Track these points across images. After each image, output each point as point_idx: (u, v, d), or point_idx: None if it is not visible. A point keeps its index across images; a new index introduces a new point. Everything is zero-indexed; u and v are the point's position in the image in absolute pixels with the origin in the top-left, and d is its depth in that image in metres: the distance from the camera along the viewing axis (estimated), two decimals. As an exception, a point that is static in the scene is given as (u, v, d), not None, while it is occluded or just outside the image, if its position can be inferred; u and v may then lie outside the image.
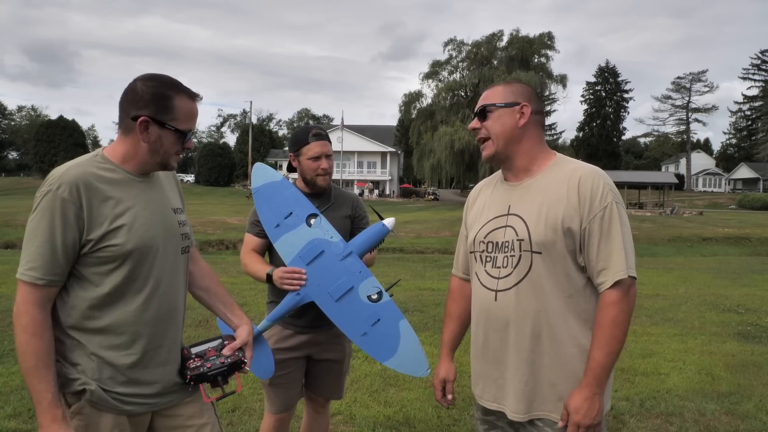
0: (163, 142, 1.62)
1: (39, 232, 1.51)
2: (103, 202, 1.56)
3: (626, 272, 1.64)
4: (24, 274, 1.51)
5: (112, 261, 1.56)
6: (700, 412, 3.93)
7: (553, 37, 48.32)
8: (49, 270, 1.51)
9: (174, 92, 1.62)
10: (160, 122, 1.60)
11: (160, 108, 1.59)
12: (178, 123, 1.62)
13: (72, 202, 1.51)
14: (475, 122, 1.83)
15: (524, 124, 1.78)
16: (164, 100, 1.60)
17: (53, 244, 1.50)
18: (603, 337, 1.64)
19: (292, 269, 2.26)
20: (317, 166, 2.47)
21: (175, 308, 1.73)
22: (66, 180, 1.52)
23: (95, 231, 1.54)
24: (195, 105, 1.67)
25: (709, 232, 22.43)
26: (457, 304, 2.04)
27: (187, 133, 1.66)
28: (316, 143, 2.47)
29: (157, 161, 1.66)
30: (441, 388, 2.00)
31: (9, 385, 4.10)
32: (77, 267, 1.57)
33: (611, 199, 1.68)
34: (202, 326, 5.79)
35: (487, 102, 1.79)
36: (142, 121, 1.59)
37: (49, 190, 1.52)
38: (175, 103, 1.61)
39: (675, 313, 7.30)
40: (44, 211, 1.51)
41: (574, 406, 1.64)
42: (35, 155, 58.39)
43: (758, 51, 74.14)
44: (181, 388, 1.75)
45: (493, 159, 1.82)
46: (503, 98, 1.78)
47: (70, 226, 1.51)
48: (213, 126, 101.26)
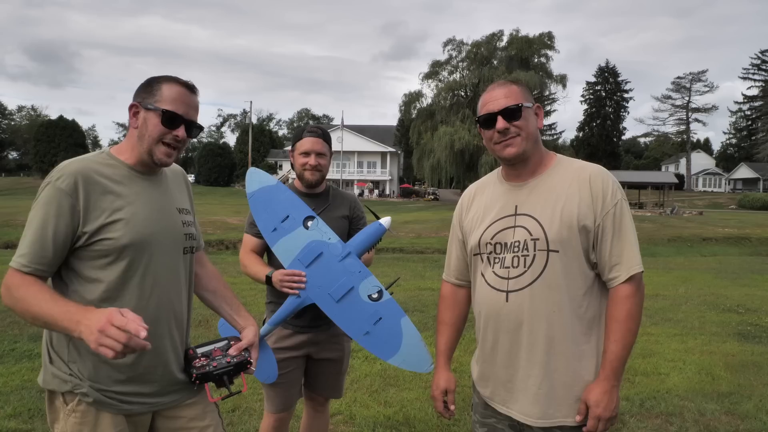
0: (147, 125, 1.62)
1: (33, 222, 1.52)
2: (102, 196, 1.56)
3: (639, 267, 1.68)
4: (14, 260, 1.52)
5: (106, 255, 1.56)
6: (700, 412, 3.93)
7: (553, 37, 48.25)
8: (36, 259, 1.50)
9: (165, 80, 1.64)
10: (145, 105, 1.62)
11: (147, 93, 1.63)
12: (160, 104, 1.61)
13: (68, 193, 1.52)
14: (502, 122, 1.74)
15: (541, 125, 1.81)
16: (152, 85, 1.63)
17: (44, 234, 1.51)
18: (619, 330, 1.66)
19: (292, 271, 2.26)
20: (306, 161, 2.50)
21: (175, 307, 1.72)
22: (66, 172, 1.54)
23: (91, 224, 1.54)
24: (185, 91, 1.65)
25: (709, 232, 22.44)
26: (451, 310, 2.02)
27: (169, 114, 1.60)
28: (308, 139, 2.51)
29: (144, 148, 1.63)
30: (442, 399, 1.97)
31: (9, 385, 4.10)
32: (73, 261, 1.57)
33: (620, 196, 1.72)
34: (202, 326, 5.79)
35: (515, 102, 1.74)
36: (131, 106, 1.63)
37: (50, 182, 1.53)
38: (162, 87, 1.63)
39: (675, 313, 7.30)
40: (42, 201, 1.53)
41: (594, 400, 1.64)
42: (35, 155, 58.36)
43: (758, 51, 74.13)
44: (182, 388, 1.74)
45: (518, 157, 1.77)
46: (525, 98, 1.77)
47: (63, 217, 1.51)
48: (213, 126, 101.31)
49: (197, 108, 1.69)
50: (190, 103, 1.65)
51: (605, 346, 1.68)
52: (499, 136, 1.76)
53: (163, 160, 1.65)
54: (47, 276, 1.55)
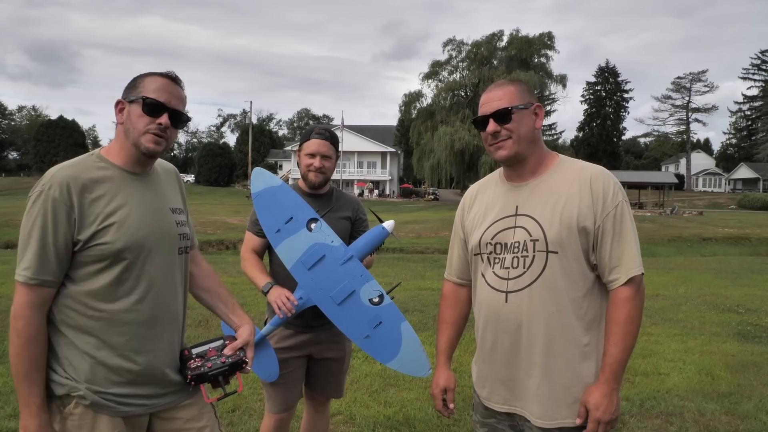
0: (131, 117, 1.62)
1: (32, 233, 1.51)
2: (95, 201, 1.56)
3: (639, 269, 1.67)
4: (19, 274, 1.52)
5: (102, 259, 1.56)
6: (700, 412, 3.93)
7: (553, 37, 48.26)
8: (42, 270, 1.51)
9: (148, 74, 1.66)
10: (129, 99, 1.63)
11: (130, 88, 1.64)
12: (143, 94, 1.61)
13: (63, 201, 1.51)
14: (492, 125, 1.74)
15: (540, 125, 1.80)
16: (135, 81, 1.65)
17: (45, 245, 1.50)
18: (619, 332, 1.65)
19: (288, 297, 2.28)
20: (311, 162, 2.51)
21: (171, 308, 1.71)
22: (57, 180, 1.53)
23: (86, 229, 1.54)
24: (166, 81, 1.65)
25: (709, 232, 22.44)
26: (452, 309, 2.01)
27: (150, 102, 1.60)
28: (314, 141, 2.51)
29: (132, 142, 1.63)
30: (442, 398, 1.97)
31: (9, 385, 4.09)
32: (71, 266, 1.56)
33: (621, 198, 1.71)
34: (202, 326, 5.79)
35: (508, 104, 1.74)
36: (117, 103, 1.64)
37: (41, 191, 1.52)
38: (144, 80, 1.64)
39: (675, 313, 7.30)
40: (36, 211, 1.52)
41: (594, 403, 1.64)
42: (35, 155, 58.42)
43: (758, 51, 74.19)
44: (179, 390, 1.74)
45: (510, 160, 1.78)
46: (520, 99, 1.75)
47: (61, 226, 1.51)
48: (213, 126, 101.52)
49: (182, 99, 1.68)
50: (172, 92, 1.65)
51: (605, 349, 1.68)
52: (492, 138, 1.77)
53: (150, 148, 1.62)
54: (55, 286, 1.55)
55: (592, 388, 1.67)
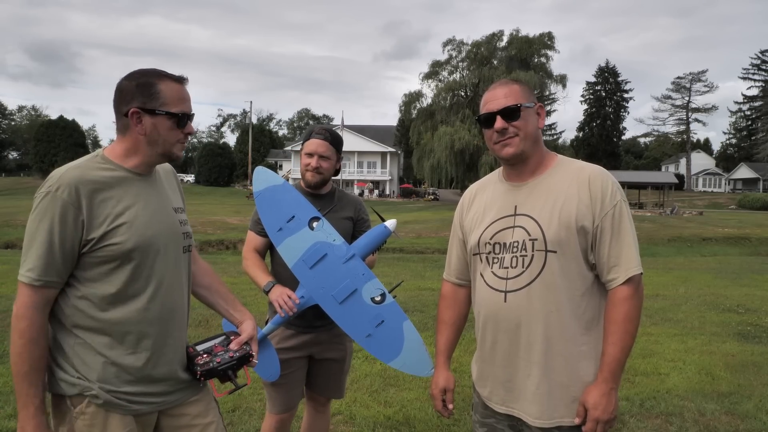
0: (159, 130, 1.61)
1: (38, 234, 1.51)
2: (103, 202, 1.56)
3: (638, 268, 1.67)
4: (23, 275, 1.51)
5: (113, 260, 1.56)
6: (700, 412, 3.93)
7: (553, 37, 48.24)
8: (47, 271, 1.51)
9: (156, 78, 1.61)
10: (150, 110, 1.59)
11: (146, 96, 1.59)
12: (168, 107, 1.61)
13: (71, 203, 1.51)
14: (500, 122, 1.74)
15: (542, 125, 1.80)
16: (148, 87, 1.60)
17: (51, 246, 1.50)
18: (617, 332, 1.66)
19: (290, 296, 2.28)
20: (308, 162, 2.52)
21: (179, 307, 1.73)
22: (65, 181, 1.52)
23: (96, 231, 1.54)
24: (182, 87, 1.65)
25: (709, 232, 22.44)
26: (452, 309, 2.01)
27: (182, 117, 1.63)
28: (313, 141, 2.52)
29: (159, 152, 1.65)
30: (441, 398, 1.97)
31: (9, 385, 4.09)
32: (80, 267, 1.57)
33: (620, 197, 1.71)
34: (202, 326, 5.79)
35: (516, 101, 1.74)
36: (133, 113, 1.59)
37: (49, 192, 1.52)
38: (160, 88, 1.60)
39: (675, 313, 7.30)
40: (43, 212, 1.51)
41: (593, 402, 1.64)
42: (35, 155, 58.37)
43: (758, 51, 74.17)
44: (187, 386, 1.75)
45: (516, 158, 1.77)
46: (526, 98, 1.76)
47: (69, 228, 1.51)
48: (213, 126, 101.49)
49: None
50: (188, 97, 1.67)
51: (603, 348, 1.68)
52: (498, 135, 1.76)
53: (180, 155, 1.70)
54: (59, 287, 1.55)
55: (590, 388, 1.67)
